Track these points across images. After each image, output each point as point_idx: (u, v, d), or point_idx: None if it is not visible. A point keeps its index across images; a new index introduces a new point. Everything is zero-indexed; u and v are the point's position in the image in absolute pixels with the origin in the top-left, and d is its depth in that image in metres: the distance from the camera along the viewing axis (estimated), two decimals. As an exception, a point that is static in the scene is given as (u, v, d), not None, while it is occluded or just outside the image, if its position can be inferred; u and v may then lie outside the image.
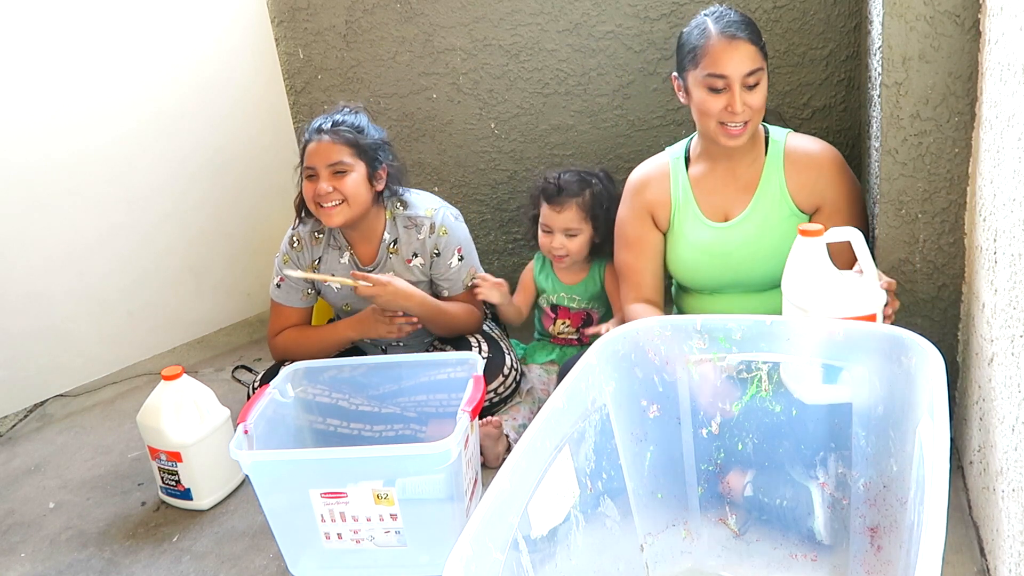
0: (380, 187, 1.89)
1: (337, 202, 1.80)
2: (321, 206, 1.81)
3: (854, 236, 1.33)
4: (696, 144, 1.73)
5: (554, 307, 2.05)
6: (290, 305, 1.99)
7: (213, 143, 2.40)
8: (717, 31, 1.55)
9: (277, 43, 2.50)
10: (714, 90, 1.55)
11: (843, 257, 1.40)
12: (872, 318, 1.31)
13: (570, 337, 2.04)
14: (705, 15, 1.59)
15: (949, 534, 0.96)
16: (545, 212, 1.97)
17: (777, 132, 1.69)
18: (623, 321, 1.98)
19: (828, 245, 1.34)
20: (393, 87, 2.43)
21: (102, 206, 2.20)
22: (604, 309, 2.03)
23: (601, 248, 1.99)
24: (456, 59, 2.36)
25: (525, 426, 1.82)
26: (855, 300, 1.31)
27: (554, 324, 2.05)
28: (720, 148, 1.63)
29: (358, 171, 1.83)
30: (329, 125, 1.84)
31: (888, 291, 1.33)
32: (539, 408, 1.82)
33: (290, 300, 1.98)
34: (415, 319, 1.87)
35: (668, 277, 1.83)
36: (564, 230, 1.95)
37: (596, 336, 1.87)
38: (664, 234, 1.75)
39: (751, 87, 1.54)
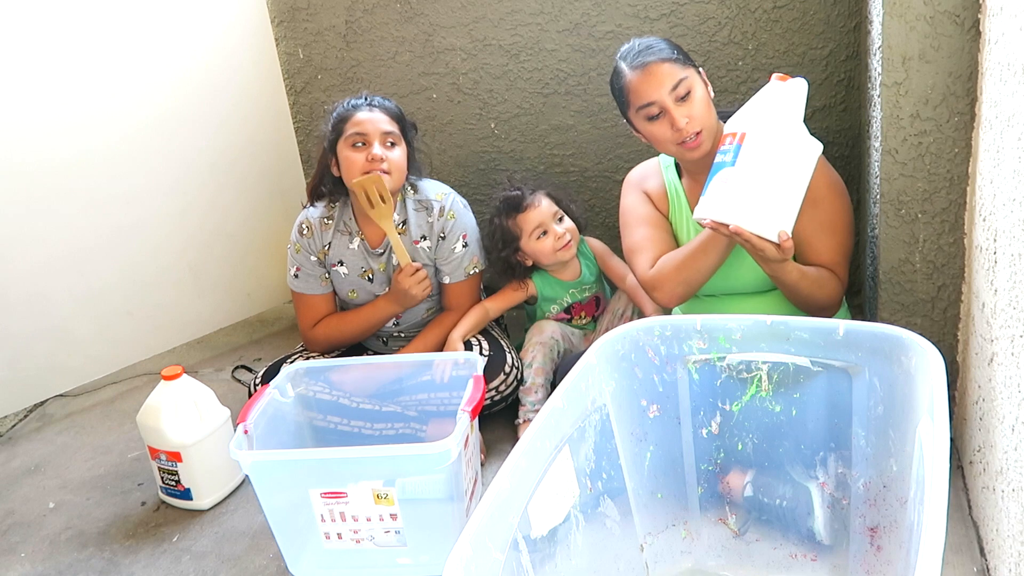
0: (408, 171, 1.93)
1: (384, 170, 1.82)
2: (366, 173, 1.83)
3: (800, 90, 1.44)
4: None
5: (568, 309, 2.05)
6: (313, 293, 1.99)
7: (213, 143, 2.40)
8: (628, 67, 1.60)
9: (277, 43, 2.50)
10: (652, 118, 1.59)
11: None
12: (741, 137, 1.40)
13: (586, 324, 2.07)
14: (619, 58, 1.63)
15: (949, 534, 0.96)
16: (528, 218, 1.96)
17: None
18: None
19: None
20: (393, 87, 2.43)
21: (102, 206, 2.20)
22: (601, 286, 2.09)
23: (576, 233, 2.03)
24: (456, 59, 2.36)
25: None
26: (750, 119, 1.41)
27: (571, 323, 2.05)
28: (696, 163, 1.64)
29: (402, 147, 1.88)
30: (375, 101, 1.89)
31: (782, 245, 1.41)
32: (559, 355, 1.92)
33: (311, 288, 1.99)
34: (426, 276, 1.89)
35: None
36: (554, 216, 1.97)
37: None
38: None
39: (683, 98, 1.56)
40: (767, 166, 1.38)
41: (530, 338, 1.95)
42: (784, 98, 1.42)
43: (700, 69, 1.62)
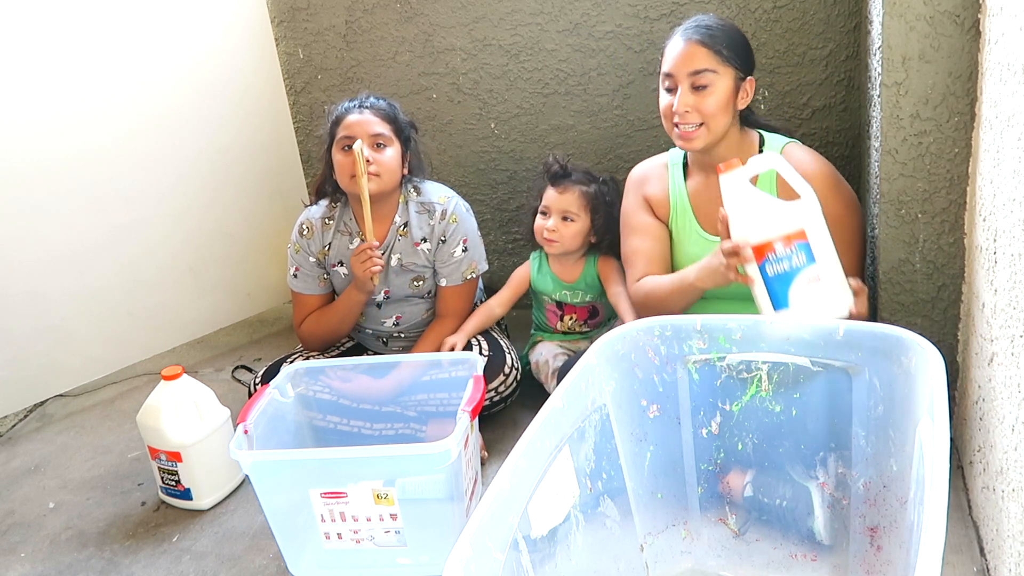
0: (404, 172, 1.93)
1: (372, 173, 1.82)
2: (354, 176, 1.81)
3: (777, 162, 1.33)
4: (691, 154, 1.73)
5: (559, 304, 2.05)
6: (309, 293, 2.00)
7: (213, 143, 2.40)
8: (679, 34, 1.59)
9: (277, 43, 2.50)
10: (667, 90, 1.60)
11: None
12: (802, 235, 1.29)
13: (580, 330, 2.05)
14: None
15: (949, 534, 0.96)
16: (548, 194, 1.98)
17: (775, 142, 1.67)
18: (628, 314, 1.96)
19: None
20: (393, 87, 2.43)
21: (102, 206, 2.19)
22: (606, 301, 2.03)
23: (597, 247, 1.99)
24: (456, 59, 2.36)
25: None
26: (788, 216, 1.30)
27: (561, 320, 2.05)
28: (707, 158, 1.64)
29: (394, 148, 1.87)
30: (368, 102, 1.89)
31: (857, 292, 1.32)
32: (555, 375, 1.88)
33: (308, 288, 1.99)
34: (380, 255, 1.85)
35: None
36: (561, 212, 1.94)
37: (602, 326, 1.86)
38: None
39: (699, 88, 1.55)
40: (829, 239, 1.33)
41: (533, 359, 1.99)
42: (788, 176, 1.34)
43: (747, 77, 1.60)
